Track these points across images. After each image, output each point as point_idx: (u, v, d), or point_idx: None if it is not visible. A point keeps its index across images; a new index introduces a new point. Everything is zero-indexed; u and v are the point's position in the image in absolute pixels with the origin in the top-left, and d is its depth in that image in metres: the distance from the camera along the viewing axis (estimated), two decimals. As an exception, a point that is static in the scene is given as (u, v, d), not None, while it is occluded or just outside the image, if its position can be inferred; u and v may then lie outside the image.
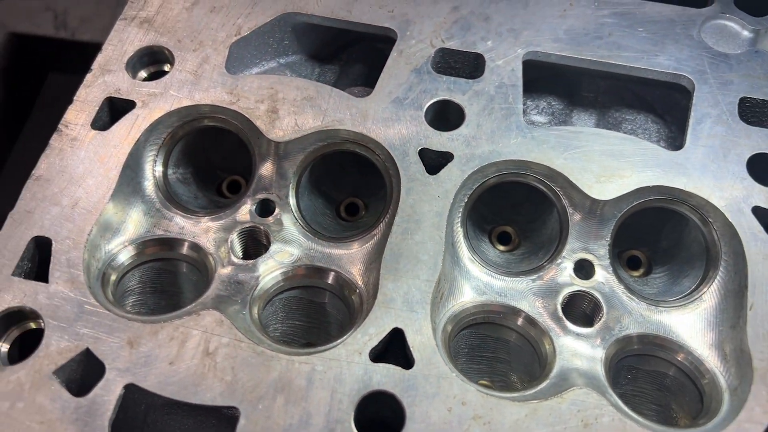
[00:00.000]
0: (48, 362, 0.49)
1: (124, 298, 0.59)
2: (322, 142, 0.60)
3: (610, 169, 0.58)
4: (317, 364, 0.49)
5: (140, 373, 0.49)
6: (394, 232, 0.55)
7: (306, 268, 0.57)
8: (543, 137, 0.59)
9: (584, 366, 0.52)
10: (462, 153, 0.58)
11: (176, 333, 0.51)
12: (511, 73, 0.63)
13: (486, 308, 0.55)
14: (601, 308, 0.55)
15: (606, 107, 0.71)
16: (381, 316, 0.51)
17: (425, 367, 0.49)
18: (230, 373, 0.49)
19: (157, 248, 0.58)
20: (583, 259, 0.57)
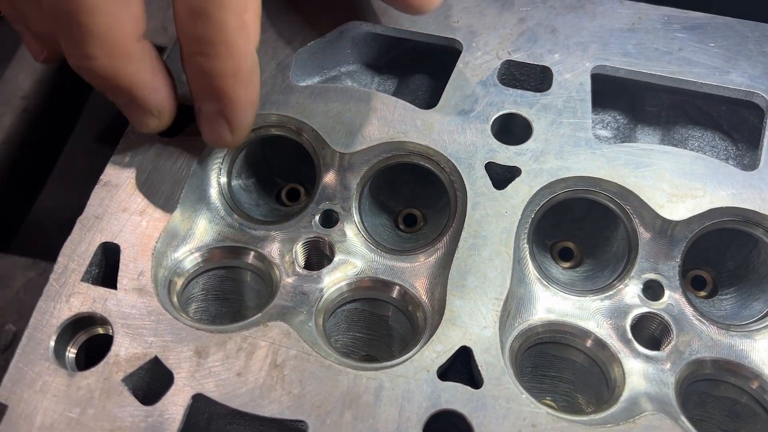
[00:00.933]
0: (117, 369, 0.50)
1: (187, 304, 0.59)
2: (387, 153, 0.60)
3: (682, 188, 0.57)
4: (385, 380, 0.49)
5: (208, 383, 0.49)
6: (461, 247, 0.54)
7: (370, 280, 0.57)
8: (613, 154, 0.58)
9: (654, 390, 0.51)
10: (530, 168, 0.57)
11: (244, 344, 0.51)
12: (580, 87, 0.62)
13: (553, 328, 0.55)
14: (670, 331, 0.54)
15: (671, 123, 0.70)
16: (448, 333, 0.51)
17: (494, 387, 0.49)
18: (298, 386, 0.49)
19: (221, 256, 0.58)
20: (652, 280, 0.56)
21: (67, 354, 0.52)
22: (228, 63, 0.50)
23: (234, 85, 0.51)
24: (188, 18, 0.49)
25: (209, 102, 0.52)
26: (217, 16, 0.48)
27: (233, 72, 0.50)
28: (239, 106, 0.52)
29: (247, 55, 0.51)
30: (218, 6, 0.48)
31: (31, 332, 0.51)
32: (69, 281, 0.53)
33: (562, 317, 0.55)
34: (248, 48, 0.51)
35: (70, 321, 0.51)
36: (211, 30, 0.49)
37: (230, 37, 0.49)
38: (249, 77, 0.52)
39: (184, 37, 0.50)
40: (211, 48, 0.49)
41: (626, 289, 0.56)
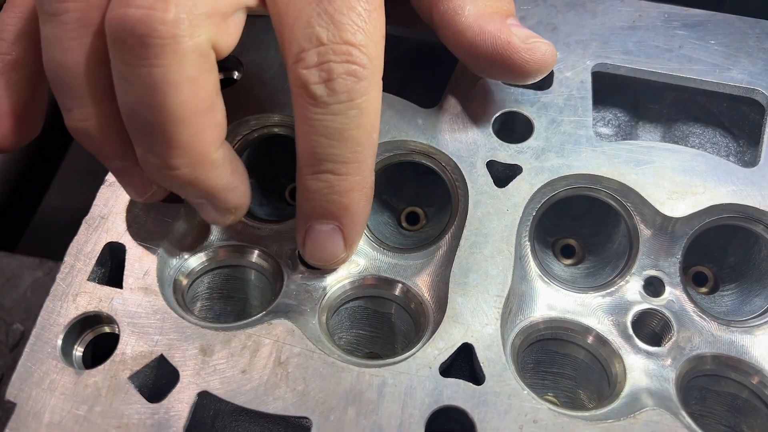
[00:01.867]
0: (123, 368, 0.50)
1: (192, 303, 0.59)
2: (389, 152, 0.60)
3: (682, 185, 0.57)
4: (388, 376, 0.49)
5: (213, 380, 0.50)
6: (463, 245, 0.55)
7: (373, 278, 0.57)
8: (614, 151, 0.58)
9: (655, 386, 0.52)
10: (531, 166, 0.58)
11: (249, 342, 0.51)
12: (581, 84, 0.62)
13: (554, 324, 0.55)
14: (671, 327, 0.54)
15: (672, 120, 0.70)
16: (450, 330, 0.51)
17: (496, 383, 0.49)
18: (302, 383, 0.49)
19: (225, 255, 0.58)
20: (653, 277, 0.57)
21: (74, 352, 0.52)
22: (358, 179, 0.50)
23: (359, 200, 0.51)
24: (323, 139, 0.48)
25: (325, 220, 0.51)
26: (355, 136, 0.48)
27: (361, 187, 0.50)
28: (359, 221, 0.52)
29: (372, 172, 0.51)
30: (357, 128, 0.48)
31: (38, 331, 0.51)
32: (75, 281, 0.53)
33: (564, 314, 0.55)
34: (373, 164, 0.51)
35: (77, 320, 0.52)
36: (347, 149, 0.49)
37: (364, 155, 0.50)
38: (371, 193, 0.52)
39: (313, 157, 0.50)
40: (346, 167, 0.49)
41: (627, 285, 0.57)
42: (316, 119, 0.48)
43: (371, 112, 0.49)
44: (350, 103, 0.48)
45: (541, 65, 0.54)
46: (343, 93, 0.47)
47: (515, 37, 0.54)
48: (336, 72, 0.47)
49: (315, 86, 0.47)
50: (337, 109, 0.48)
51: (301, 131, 0.50)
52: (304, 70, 0.48)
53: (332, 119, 0.48)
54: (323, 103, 0.48)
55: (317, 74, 0.47)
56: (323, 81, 0.47)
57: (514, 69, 0.54)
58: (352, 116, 0.48)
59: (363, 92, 0.48)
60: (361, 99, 0.48)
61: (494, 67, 0.55)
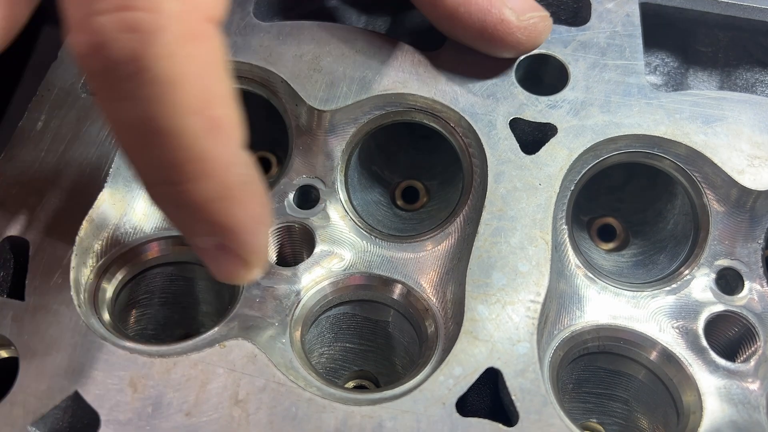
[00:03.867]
0: (23, 411, 0.37)
1: (126, 311, 0.46)
2: (380, 110, 0.47)
3: (766, 148, 0.44)
4: (385, 418, 0.36)
5: (146, 426, 0.37)
6: (482, 233, 0.41)
7: (363, 277, 0.44)
8: (674, 104, 0.45)
9: (742, 417, 0.39)
10: (568, 125, 0.44)
11: (194, 371, 0.38)
12: (626, 19, 0.48)
13: (604, 334, 0.42)
14: (755, 335, 0.42)
15: (731, 66, 0.56)
16: (470, 350, 0.38)
17: (534, 424, 0.36)
18: (268, 429, 0.36)
19: (166, 249, 0.45)
20: (727, 268, 0.44)
21: (-44, 390, 0.39)
22: (209, 185, 0.33)
23: (228, 209, 0.34)
24: (131, 137, 0.32)
25: (203, 237, 0.36)
26: (170, 125, 0.31)
27: (221, 194, 0.34)
28: (244, 233, 0.35)
29: (230, 164, 0.34)
30: (169, 112, 0.31)
31: None
32: (-41, 290, 0.40)
33: (615, 320, 0.42)
34: (230, 153, 0.33)
35: (-41, 345, 0.38)
36: (168, 148, 0.32)
37: (201, 149, 0.32)
38: (246, 190, 0.35)
39: (136, 164, 0.34)
40: (179, 172, 0.32)
41: (694, 280, 0.44)
42: (112, 109, 0.32)
43: (190, 79, 0.31)
44: (142, 76, 0.30)
45: (536, 43, 0.45)
46: (127, 62, 0.30)
47: (509, 12, 0.43)
48: (107, 29, 0.30)
49: (86, 60, 0.31)
50: (126, 89, 0.31)
51: (110, 128, 0.35)
52: (73, 36, 0.31)
53: (127, 107, 0.31)
54: (107, 84, 0.31)
55: (85, 41, 0.30)
56: (94, 50, 0.30)
57: (505, 47, 0.45)
58: (155, 96, 0.31)
59: (160, 53, 0.30)
60: (158, 65, 0.30)
61: (481, 42, 0.45)
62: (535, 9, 0.45)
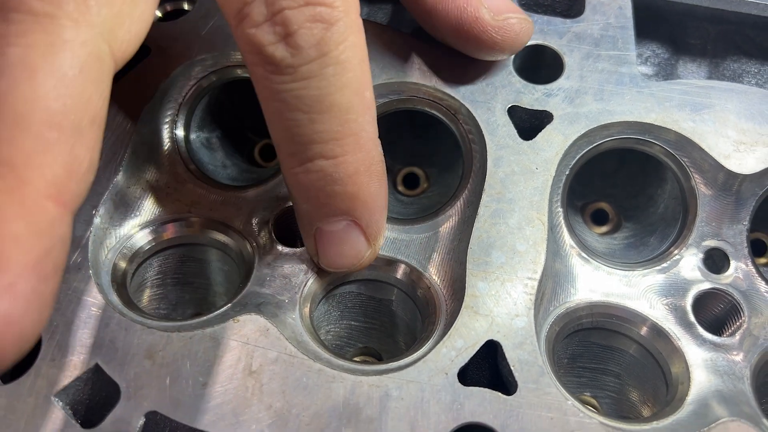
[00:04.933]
0: (47, 382, 0.39)
1: (139, 292, 0.48)
2: (383, 98, 0.48)
3: (751, 134, 0.46)
4: (392, 387, 0.38)
5: (165, 397, 0.38)
6: (482, 214, 0.43)
7: (367, 257, 0.45)
8: (664, 93, 0.47)
9: (727, 387, 0.41)
10: (563, 112, 0.46)
11: (210, 344, 0.40)
12: (619, 11, 0.50)
13: (597, 311, 0.44)
14: (740, 311, 0.44)
15: (719, 57, 0.58)
16: (470, 324, 0.40)
17: (531, 392, 0.38)
18: (280, 398, 0.38)
19: (180, 231, 0.46)
20: (714, 248, 0.46)
21: (-19, 363, 0.40)
22: (360, 157, 0.37)
23: (369, 183, 0.38)
24: (300, 115, 0.36)
25: (336, 217, 0.39)
26: (340, 101, 0.36)
27: (367, 166, 0.38)
28: (377, 208, 0.40)
29: (376, 142, 0.39)
30: (340, 89, 0.36)
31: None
32: (-18, 269, 0.41)
33: (607, 297, 0.45)
34: (375, 132, 0.39)
35: (-16, 321, 0.40)
36: (335, 121, 0.36)
37: (358, 125, 0.37)
38: (382, 168, 0.40)
39: (295, 142, 0.37)
40: (339, 144, 0.37)
41: (683, 260, 0.46)
42: (285, 90, 0.36)
43: (356, 63, 0.36)
44: (324, 59, 0.35)
45: (514, 45, 0.45)
46: (312, 47, 0.35)
47: (485, 11, 0.43)
48: (295, 21, 0.35)
49: (272, 47, 0.35)
50: (308, 70, 0.35)
51: (270, 111, 0.37)
52: (252, 29, 0.35)
53: (306, 85, 0.35)
54: (289, 67, 0.35)
55: (271, 31, 0.35)
56: (281, 38, 0.35)
57: (482, 47, 0.45)
58: (331, 75, 0.36)
59: (339, 39, 0.36)
60: (338, 49, 0.36)
61: (458, 41, 0.45)
62: (513, 11, 0.45)
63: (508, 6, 0.45)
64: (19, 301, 0.30)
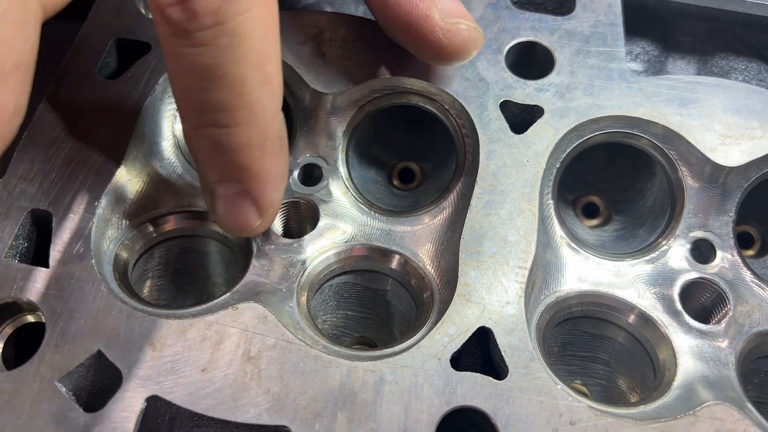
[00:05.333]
0: (51, 368, 0.40)
1: (140, 282, 0.49)
2: (378, 93, 0.50)
3: (736, 128, 0.47)
4: (386, 372, 0.39)
5: (165, 382, 0.39)
6: (474, 206, 0.45)
7: (364, 248, 0.47)
8: (652, 88, 0.48)
9: (712, 373, 0.42)
10: (554, 107, 0.47)
11: (209, 332, 0.41)
12: (608, 9, 0.51)
13: (587, 300, 0.45)
14: (726, 300, 0.45)
15: (708, 54, 0.60)
16: (463, 311, 0.41)
17: (521, 377, 0.39)
18: (278, 382, 0.39)
19: (180, 222, 0.48)
20: (701, 239, 0.47)
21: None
22: (253, 131, 0.38)
23: (262, 158, 0.39)
24: (194, 80, 0.37)
25: (228, 183, 0.40)
26: (234, 73, 0.36)
27: (260, 141, 0.38)
28: (269, 182, 0.40)
29: (274, 118, 0.39)
30: (235, 61, 0.36)
31: (-62, 325, 0.41)
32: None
33: (597, 286, 0.46)
34: (274, 107, 0.39)
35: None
36: (227, 92, 0.37)
37: (253, 98, 0.37)
38: (279, 144, 0.40)
39: (189, 105, 0.38)
40: (230, 115, 0.37)
41: (671, 250, 0.47)
42: (181, 54, 0.36)
43: (256, 36, 0.36)
44: (219, 28, 0.35)
45: (461, 52, 0.44)
46: (208, 14, 0.35)
47: (436, 11, 0.43)
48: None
49: (171, 9, 0.35)
50: (203, 37, 0.35)
51: (170, 70, 0.38)
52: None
53: (199, 52, 0.35)
54: (184, 31, 0.35)
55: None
56: (179, 1, 0.35)
57: (428, 48, 0.44)
58: (226, 46, 0.35)
59: (237, 11, 0.35)
60: (235, 21, 0.35)
61: (406, 38, 0.45)
62: (465, 17, 0.44)
63: (461, 12, 0.45)
64: None
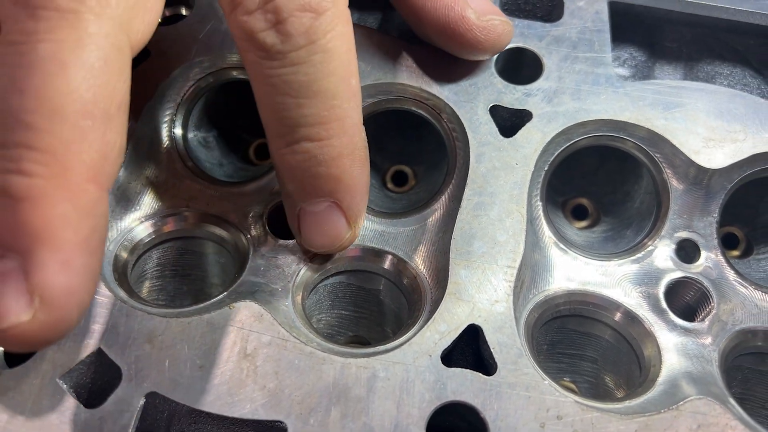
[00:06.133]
0: (52, 365, 0.41)
1: (139, 283, 0.50)
2: (372, 98, 0.51)
3: (719, 131, 0.48)
4: (379, 368, 0.40)
5: (164, 379, 0.40)
6: (465, 207, 0.46)
7: (357, 249, 0.48)
8: (638, 92, 0.49)
9: (696, 369, 0.43)
10: (542, 111, 0.49)
11: (207, 329, 0.42)
12: (596, 15, 0.53)
13: (574, 298, 0.46)
14: (710, 298, 0.46)
15: (693, 59, 0.61)
16: (453, 309, 0.42)
17: (510, 373, 0.40)
18: (274, 379, 0.40)
19: (178, 225, 0.49)
20: (686, 239, 0.48)
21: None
22: (344, 141, 0.40)
23: (351, 167, 0.41)
24: (288, 99, 0.38)
25: (318, 198, 0.42)
26: (327, 87, 0.38)
27: (350, 151, 0.41)
28: (357, 191, 0.42)
29: (360, 128, 0.42)
30: (327, 76, 0.38)
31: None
32: (-10, 260, 0.43)
33: (584, 286, 0.47)
34: (360, 118, 0.41)
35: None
36: (321, 106, 0.39)
37: (343, 110, 0.39)
38: (365, 154, 0.42)
39: (283, 123, 0.40)
40: (324, 128, 0.39)
41: (656, 250, 0.48)
42: (275, 75, 0.38)
43: (343, 51, 0.39)
44: (312, 46, 0.38)
45: (495, 45, 0.48)
46: (301, 35, 0.37)
47: (471, 11, 0.46)
48: (286, 10, 0.37)
49: (263, 34, 0.37)
50: (297, 57, 0.38)
51: (260, 93, 0.40)
52: (245, 16, 0.37)
53: (294, 71, 0.38)
54: (278, 53, 0.38)
55: (263, 18, 0.37)
56: (272, 25, 0.37)
57: (466, 45, 0.47)
58: (319, 62, 0.38)
59: (327, 29, 0.38)
60: (325, 38, 0.38)
61: (443, 39, 0.48)
62: (496, 13, 0.47)
63: (492, 8, 0.48)
64: (75, 275, 0.32)
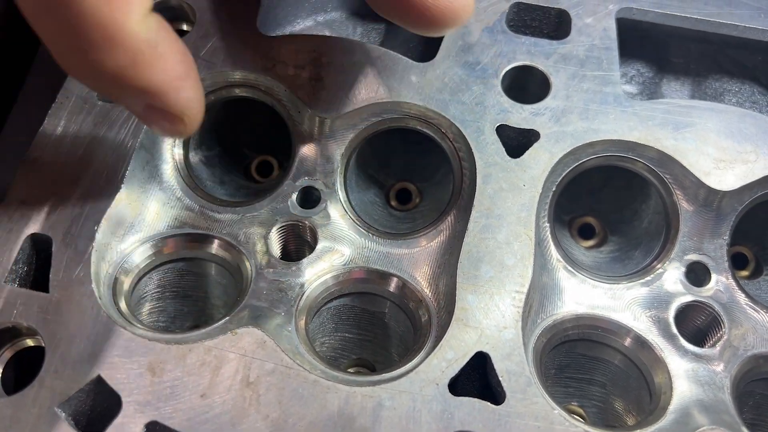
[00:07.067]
0: (51, 393, 0.40)
1: (139, 305, 0.49)
2: (376, 117, 0.50)
3: (730, 152, 0.47)
4: (384, 397, 0.40)
5: (165, 407, 0.39)
6: (471, 229, 0.45)
7: (362, 271, 0.47)
8: (647, 112, 0.49)
9: (708, 396, 0.43)
10: (550, 131, 0.48)
11: (208, 357, 0.41)
12: (603, 33, 0.52)
13: (583, 323, 0.46)
14: (721, 323, 0.45)
15: (701, 76, 0.60)
16: (460, 336, 0.42)
17: (519, 402, 0.40)
18: (277, 408, 0.39)
19: (178, 246, 0.48)
20: (696, 262, 0.47)
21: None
22: (116, 53, 0.35)
23: (141, 74, 0.36)
24: (47, 20, 0.35)
25: (130, 100, 0.39)
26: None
27: (130, 61, 0.36)
28: (165, 91, 0.38)
29: (134, 31, 0.35)
30: None
31: (-62, 350, 0.41)
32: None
33: (593, 309, 0.46)
34: (131, 20, 0.35)
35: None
36: (72, 17, 0.34)
37: (99, 17, 0.34)
38: (154, 53, 0.36)
39: (49, 40, 0.36)
40: (84, 40, 0.35)
41: (666, 273, 0.47)
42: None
43: None
44: None
45: (446, 15, 0.39)
46: None
47: None
48: None
49: None
50: None
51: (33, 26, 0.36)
52: None
53: None
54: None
55: None
56: None
57: (414, 13, 0.40)
58: None
59: None
60: None
61: (393, 10, 0.41)
62: None
63: None
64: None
